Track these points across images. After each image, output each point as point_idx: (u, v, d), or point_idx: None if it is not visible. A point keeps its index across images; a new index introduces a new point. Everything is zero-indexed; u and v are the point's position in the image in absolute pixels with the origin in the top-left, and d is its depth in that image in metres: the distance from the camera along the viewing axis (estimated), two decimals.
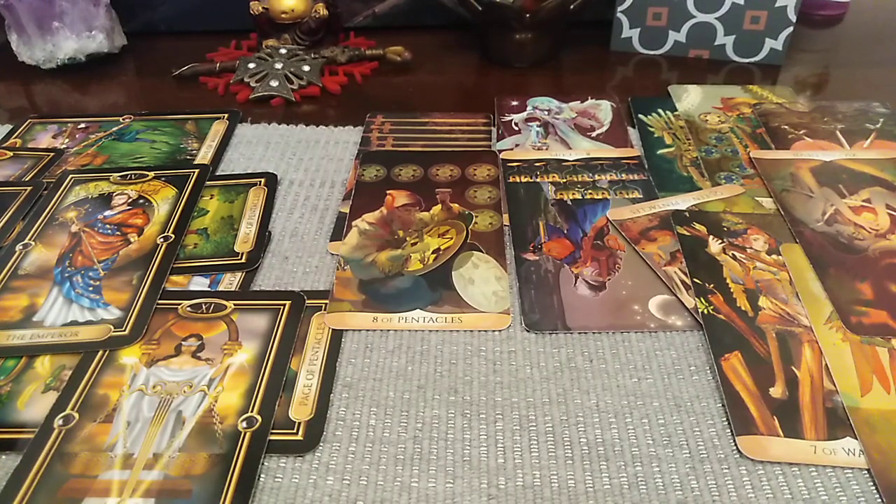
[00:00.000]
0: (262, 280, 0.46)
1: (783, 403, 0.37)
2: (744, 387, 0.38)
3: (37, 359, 0.40)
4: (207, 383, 0.38)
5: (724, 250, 0.46)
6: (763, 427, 0.36)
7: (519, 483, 0.34)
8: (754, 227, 0.48)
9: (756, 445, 0.35)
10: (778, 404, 0.37)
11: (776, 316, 0.42)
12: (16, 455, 0.35)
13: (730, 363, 0.39)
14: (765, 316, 0.42)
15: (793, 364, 0.39)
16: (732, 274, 0.44)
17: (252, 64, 0.71)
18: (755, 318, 0.41)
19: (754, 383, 0.38)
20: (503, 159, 0.57)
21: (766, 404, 0.37)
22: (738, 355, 0.39)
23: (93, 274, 0.46)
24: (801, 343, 0.40)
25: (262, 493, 0.33)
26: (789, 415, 0.36)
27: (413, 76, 0.74)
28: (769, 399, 0.37)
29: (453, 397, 0.38)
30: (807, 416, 0.36)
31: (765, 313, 0.42)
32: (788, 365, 0.39)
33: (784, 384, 0.38)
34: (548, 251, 0.47)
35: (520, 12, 0.70)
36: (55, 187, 0.54)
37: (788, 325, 0.41)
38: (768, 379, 0.38)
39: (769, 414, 0.36)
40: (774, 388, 0.37)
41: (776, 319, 0.41)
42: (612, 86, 0.71)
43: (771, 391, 0.37)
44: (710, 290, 0.43)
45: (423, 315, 0.43)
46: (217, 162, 0.59)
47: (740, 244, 0.47)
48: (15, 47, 0.74)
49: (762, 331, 0.41)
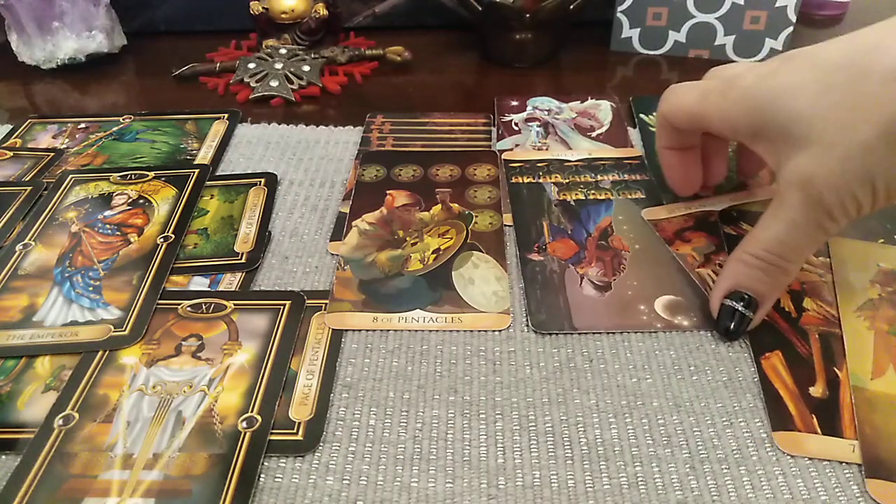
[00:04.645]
0: (262, 280, 0.46)
1: (822, 402, 0.37)
2: (783, 385, 0.38)
3: (37, 359, 0.40)
4: (207, 383, 0.38)
5: None
6: (801, 424, 0.36)
7: (519, 483, 0.34)
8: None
9: (793, 441, 0.35)
10: (817, 403, 0.37)
11: (820, 317, 0.41)
12: (16, 455, 0.35)
13: (770, 362, 0.39)
14: (808, 317, 0.41)
15: (835, 365, 0.38)
16: None
17: (252, 64, 0.71)
18: (798, 319, 0.41)
19: (794, 382, 0.38)
20: (505, 160, 0.57)
21: (804, 402, 0.37)
22: (778, 354, 0.39)
23: (93, 274, 0.46)
24: (844, 345, 0.39)
25: (261, 493, 0.33)
26: (829, 413, 0.36)
27: (413, 76, 0.74)
28: (808, 397, 0.37)
29: (453, 397, 0.38)
30: (846, 416, 0.36)
31: (809, 315, 0.41)
32: (830, 366, 0.38)
33: (825, 384, 0.37)
34: (552, 252, 0.47)
35: (520, 12, 0.70)
36: (55, 187, 0.54)
37: (833, 326, 0.41)
38: (809, 378, 0.38)
39: (808, 412, 0.36)
40: (815, 387, 0.37)
41: (820, 321, 0.41)
42: (612, 86, 0.71)
43: (811, 390, 0.37)
44: None
45: (423, 315, 0.43)
46: (217, 162, 0.59)
47: None
48: (15, 47, 0.74)
49: (805, 332, 0.40)
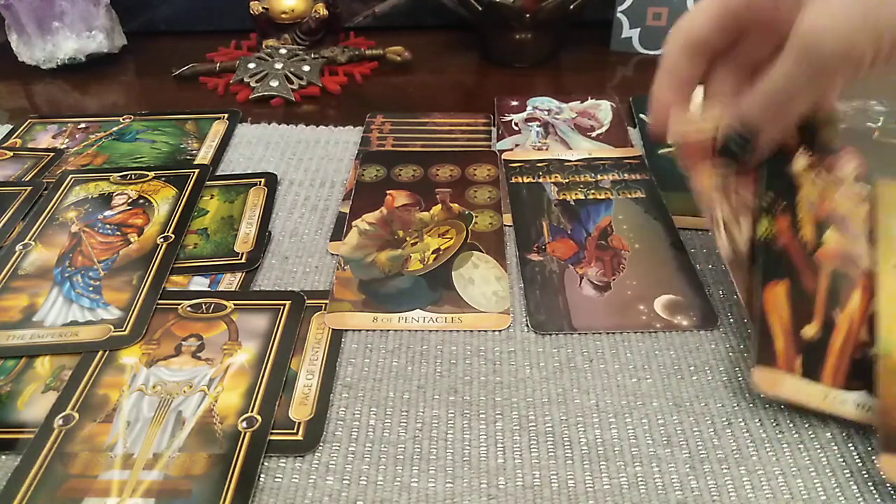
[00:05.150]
0: (262, 280, 0.46)
1: (812, 344, 0.36)
2: (778, 319, 0.37)
3: (37, 359, 0.40)
4: (207, 383, 0.38)
5: (811, 167, 0.41)
6: (783, 363, 0.35)
7: (519, 483, 0.34)
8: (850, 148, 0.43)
9: (769, 379, 0.35)
10: (807, 344, 0.36)
11: (837, 254, 0.39)
12: (16, 455, 0.35)
13: (774, 291, 0.37)
14: (826, 251, 0.39)
15: (837, 307, 0.37)
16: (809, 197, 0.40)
17: (252, 64, 0.71)
18: (814, 252, 0.39)
19: (790, 317, 0.37)
20: (505, 160, 0.57)
21: (794, 341, 0.36)
22: (785, 284, 0.38)
23: (93, 274, 0.46)
24: (854, 288, 0.38)
25: (261, 493, 0.33)
26: (815, 356, 0.35)
27: (413, 76, 0.74)
28: (799, 338, 0.36)
29: (453, 397, 0.38)
30: (830, 361, 0.35)
31: (827, 248, 0.39)
32: (831, 308, 0.37)
33: (820, 326, 0.37)
34: (552, 252, 0.47)
35: (520, 12, 0.70)
36: (55, 187, 0.54)
37: (847, 265, 0.39)
38: (806, 316, 0.37)
39: (794, 352, 0.36)
40: (809, 326, 0.37)
41: (836, 257, 0.39)
42: (612, 86, 0.71)
43: (804, 330, 0.37)
44: (779, 210, 0.40)
45: (423, 315, 0.43)
46: (217, 162, 0.59)
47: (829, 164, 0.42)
48: (15, 47, 0.74)
49: (817, 266, 0.39)
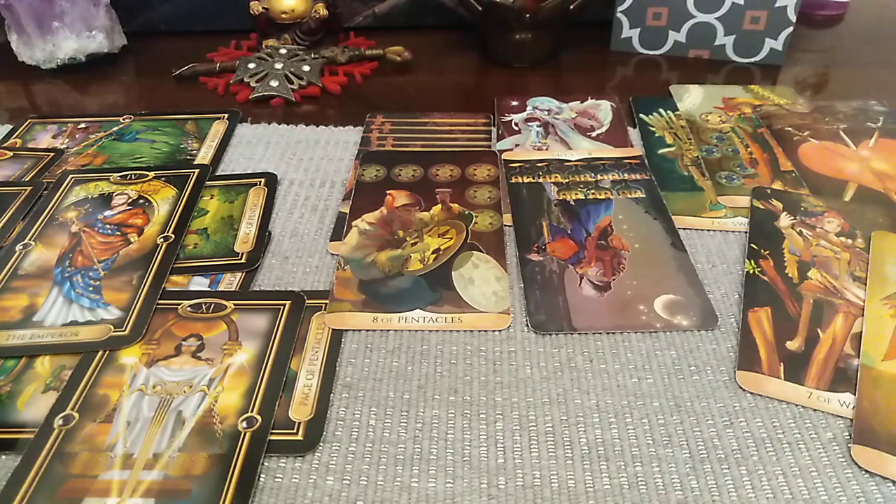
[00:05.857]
0: (262, 280, 0.46)
1: (796, 355, 0.37)
2: (762, 335, 0.38)
3: (37, 359, 0.40)
4: (207, 383, 0.38)
5: (793, 226, 0.46)
6: (766, 368, 0.36)
7: (519, 483, 0.34)
8: (833, 212, 0.48)
9: (754, 381, 0.36)
10: (790, 354, 0.37)
11: (821, 287, 0.42)
12: (16, 455, 0.35)
13: (757, 315, 0.39)
14: (809, 285, 0.42)
15: (820, 326, 0.39)
16: (792, 246, 0.45)
17: (252, 64, 0.71)
18: (798, 285, 0.42)
19: (773, 335, 0.38)
20: (505, 160, 0.57)
21: (777, 352, 0.37)
22: (767, 311, 0.40)
23: (93, 274, 0.46)
24: (837, 312, 0.40)
25: (262, 493, 0.33)
26: (798, 364, 0.37)
27: (413, 76, 0.74)
28: (783, 349, 0.38)
29: (453, 397, 0.38)
30: (814, 369, 0.36)
31: (810, 283, 0.42)
32: (815, 326, 0.39)
33: (804, 340, 0.38)
34: (552, 252, 0.47)
35: (520, 12, 0.70)
36: (55, 187, 0.54)
37: (831, 296, 0.41)
38: (789, 333, 0.38)
39: (777, 360, 0.37)
40: (792, 341, 0.38)
41: (820, 289, 0.42)
42: (611, 86, 0.71)
43: (788, 343, 0.38)
44: (763, 255, 0.44)
45: (423, 315, 0.42)
46: (217, 162, 0.59)
47: (812, 223, 0.47)
48: (15, 47, 0.74)
49: (801, 295, 0.41)
